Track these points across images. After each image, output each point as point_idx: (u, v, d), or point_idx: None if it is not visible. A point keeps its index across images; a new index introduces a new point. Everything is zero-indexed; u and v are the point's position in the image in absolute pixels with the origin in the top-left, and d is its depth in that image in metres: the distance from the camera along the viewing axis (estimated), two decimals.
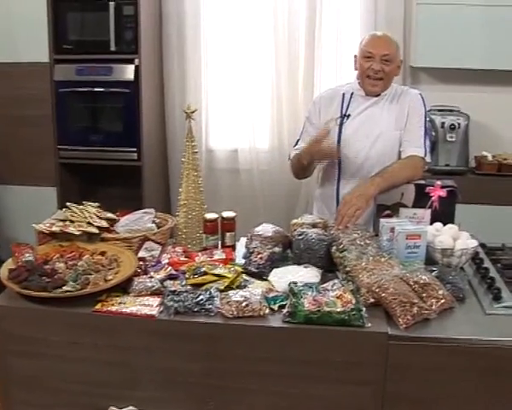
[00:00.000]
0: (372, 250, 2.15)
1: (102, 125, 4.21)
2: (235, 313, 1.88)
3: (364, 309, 1.87)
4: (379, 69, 2.67)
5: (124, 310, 1.92)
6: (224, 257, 2.29)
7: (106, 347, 1.96)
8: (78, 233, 2.29)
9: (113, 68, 4.07)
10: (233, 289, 2.02)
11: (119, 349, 1.96)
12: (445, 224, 2.33)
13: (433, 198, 2.34)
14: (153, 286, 2.04)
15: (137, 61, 4.04)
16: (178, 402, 1.96)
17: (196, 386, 1.93)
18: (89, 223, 2.34)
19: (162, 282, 2.07)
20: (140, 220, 2.46)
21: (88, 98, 4.17)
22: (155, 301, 1.98)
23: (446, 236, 2.23)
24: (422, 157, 2.67)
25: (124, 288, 2.04)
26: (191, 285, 2.06)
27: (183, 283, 2.08)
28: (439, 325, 1.86)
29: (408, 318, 1.83)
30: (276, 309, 1.93)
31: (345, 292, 1.92)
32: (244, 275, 2.15)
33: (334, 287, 1.96)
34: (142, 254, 2.28)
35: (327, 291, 1.94)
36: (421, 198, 2.46)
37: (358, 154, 2.73)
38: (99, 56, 4.08)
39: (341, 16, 4.28)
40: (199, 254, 2.34)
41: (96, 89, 4.10)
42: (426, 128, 2.73)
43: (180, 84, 4.47)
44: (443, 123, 4.07)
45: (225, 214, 2.47)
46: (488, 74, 4.07)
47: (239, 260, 2.31)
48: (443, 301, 1.92)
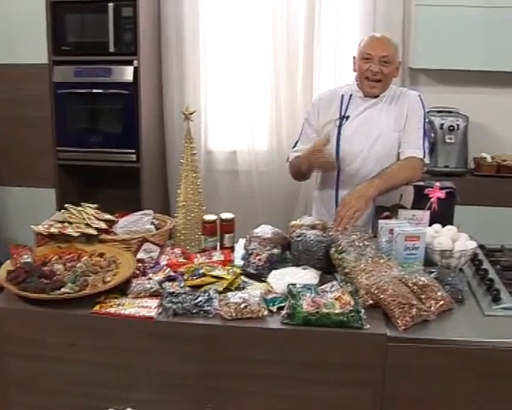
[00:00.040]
0: (371, 252, 2.15)
1: (101, 126, 4.21)
2: (233, 315, 1.88)
3: (363, 311, 1.87)
4: (378, 71, 2.67)
5: (122, 312, 1.92)
6: (223, 258, 2.29)
7: (104, 348, 1.95)
8: (76, 235, 2.29)
9: (112, 70, 4.07)
10: (232, 290, 2.02)
11: (118, 351, 1.95)
12: (444, 225, 2.33)
13: (432, 200, 2.34)
14: (151, 288, 2.03)
15: (136, 63, 4.04)
16: (177, 404, 1.95)
17: (195, 388, 1.93)
18: (87, 224, 2.34)
19: (161, 283, 2.07)
20: (139, 222, 2.46)
21: (87, 100, 4.16)
22: (154, 302, 1.97)
23: (445, 237, 2.23)
24: (421, 158, 2.67)
25: (122, 289, 2.04)
26: (190, 287, 2.05)
27: (182, 284, 2.07)
28: (438, 327, 1.86)
29: (407, 319, 1.83)
30: (275, 311, 1.92)
31: (343, 294, 1.92)
32: (243, 276, 2.15)
33: (332, 288, 1.96)
34: (140, 255, 2.28)
35: (325, 293, 1.93)
36: (420, 200, 2.46)
37: (357, 155, 2.73)
38: (98, 58, 4.08)
39: (340, 17, 4.28)
40: (197, 255, 2.34)
41: (95, 90, 4.10)
42: (425, 130, 2.72)
43: (179, 85, 4.47)
44: (442, 124, 4.07)
45: (224, 216, 2.47)
46: (487, 76, 4.07)
47: (238, 261, 2.30)
48: (442, 302, 1.92)
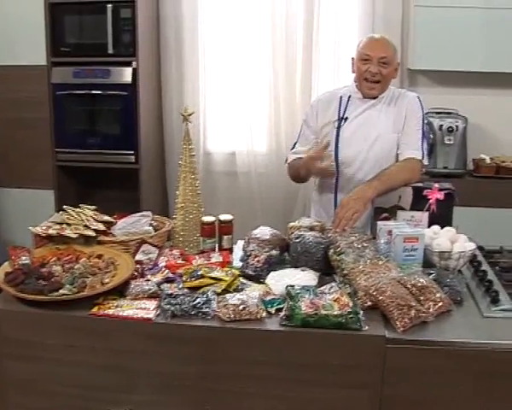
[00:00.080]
0: (369, 253, 2.15)
1: (100, 127, 4.20)
2: (232, 317, 1.87)
3: (362, 312, 1.87)
4: (376, 72, 2.67)
5: (120, 313, 1.92)
6: (222, 260, 2.28)
7: (102, 350, 1.95)
8: (74, 236, 2.29)
9: (111, 71, 4.06)
10: (230, 292, 2.02)
11: (116, 353, 1.95)
12: (443, 226, 2.32)
13: (431, 201, 2.33)
14: (150, 289, 2.03)
15: (135, 64, 4.03)
16: (175, 406, 1.95)
17: (193, 390, 1.93)
18: (85, 226, 2.34)
19: (159, 285, 2.07)
20: (137, 223, 2.46)
21: (85, 101, 4.16)
22: (152, 304, 1.97)
23: (444, 238, 2.23)
24: (420, 160, 2.67)
25: (121, 291, 2.04)
26: (188, 288, 2.05)
27: (180, 286, 2.07)
28: (437, 328, 1.86)
29: (405, 321, 1.82)
30: (274, 312, 1.92)
31: (342, 295, 1.92)
32: (241, 278, 2.14)
33: (331, 290, 1.96)
34: (139, 257, 2.28)
35: (324, 294, 1.93)
36: (418, 201, 2.46)
37: (356, 156, 2.73)
38: (97, 59, 4.08)
39: (339, 19, 4.28)
40: (196, 257, 2.33)
41: (94, 91, 4.10)
42: (423, 131, 2.72)
43: (178, 86, 4.46)
44: (441, 126, 4.07)
45: (223, 217, 2.46)
46: (486, 77, 4.07)
47: (236, 263, 2.30)
48: (440, 304, 1.92)
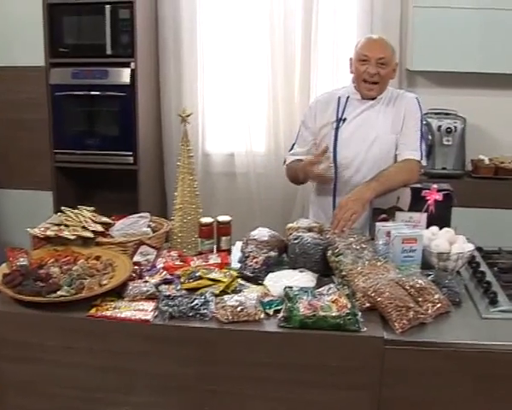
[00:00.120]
0: (368, 254, 2.15)
1: (98, 128, 4.20)
2: (230, 318, 1.87)
3: (360, 314, 1.86)
4: (375, 72, 2.66)
5: (118, 315, 1.91)
6: (220, 261, 2.28)
7: (100, 352, 1.95)
8: (72, 237, 2.28)
9: (109, 72, 4.06)
10: (228, 293, 2.02)
11: (114, 354, 1.94)
12: (441, 227, 2.33)
13: (429, 202, 2.33)
14: (148, 291, 2.03)
15: (133, 65, 4.03)
16: (173, 407, 1.95)
17: (191, 391, 1.92)
18: (84, 227, 2.33)
19: (157, 286, 2.06)
20: (135, 224, 2.46)
21: (84, 102, 4.16)
22: (150, 305, 1.96)
23: (442, 239, 2.23)
24: (418, 160, 2.67)
25: (118, 292, 2.03)
26: (186, 290, 2.05)
27: (178, 287, 2.07)
28: (435, 330, 1.86)
29: (404, 322, 1.82)
30: (272, 314, 1.92)
31: (340, 296, 1.91)
32: (239, 279, 2.14)
33: (329, 291, 1.96)
34: (137, 258, 2.27)
35: (322, 296, 1.93)
36: (417, 202, 2.46)
37: (354, 157, 2.73)
38: (95, 60, 4.07)
39: (338, 19, 4.27)
40: (194, 258, 2.33)
41: (92, 92, 4.09)
42: (422, 132, 2.72)
43: (176, 87, 4.46)
44: (439, 126, 4.07)
45: (221, 218, 2.46)
46: (485, 78, 4.06)
47: (234, 264, 2.30)
48: (439, 305, 1.92)
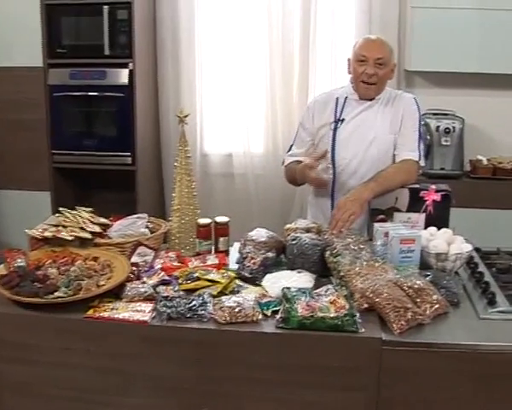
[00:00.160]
0: (366, 255, 2.14)
1: (96, 129, 4.20)
2: (227, 319, 1.87)
3: (358, 314, 1.86)
4: (373, 73, 2.66)
5: (116, 316, 1.91)
6: (218, 262, 2.28)
7: (98, 353, 1.94)
8: (70, 238, 2.28)
9: (108, 72, 4.06)
10: (226, 294, 2.01)
11: (112, 355, 1.94)
12: (440, 228, 2.33)
13: (428, 202, 2.33)
14: (145, 292, 2.02)
15: (131, 66, 4.03)
16: (171, 409, 1.94)
17: (189, 392, 1.92)
18: (81, 228, 2.33)
19: (155, 287, 2.06)
20: (133, 225, 2.45)
21: (82, 102, 4.16)
22: (148, 306, 1.96)
23: (441, 240, 2.23)
24: (417, 161, 2.67)
25: (116, 293, 2.03)
26: (184, 291, 2.04)
27: (176, 288, 2.06)
28: (433, 330, 1.85)
29: (402, 323, 1.82)
30: (270, 315, 1.91)
31: (338, 297, 1.91)
32: (237, 280, 2.13)
33: (327, 292, 1.95)
34: (134, 259, 2.27)
35: (320, 296, 1.92)
36: (415, 202, 2.46)
37: (353, 158, 2.73)
38: (93, 60, 4.07)
39: (336, 19, 4.28)
40: (192, 259, 2.33)
41: (90, 93, 4.09)
42: (420, 132, 2.72)
43: (174, 88, 4.46)
44: (438, 127, 4.07)
45: (219, 219, 2.46)
46: (483, 78, 4.07)
47: (232, 265, 2.29)
48: (437, 306, 1.91)
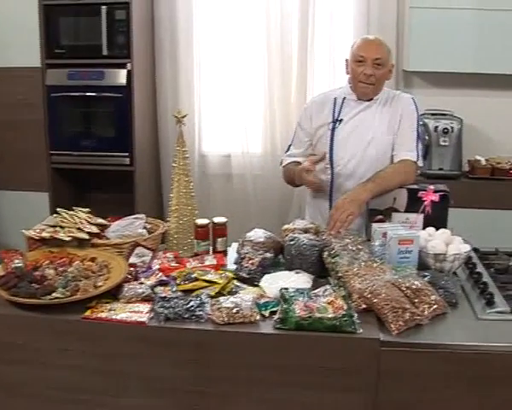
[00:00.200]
0: (364, 256, 2.14)
1: (95, 129, 4.21)
2: (225, 320, 1.86)
3: (356, 315, 1.85)
4: (371, 74, 2.66)
5: (113, 317, 1.90)
6: (215, 263, 2.27)
7: (95, 354, 1.93)
8: (67, 239, 2.27)
9: (106, 73, 4.06)
10: (224, 295, 2.01)
11: (109, 356, 1.93)
12: (438, 228, 2.33)
13: (426, 203, 2.33)
14: (143, 292, 2.01)
15: (130, 66, 4.03)
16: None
17: (186, 393, 1.91)
18: (79, 228, 2.32)
19: (153, 288, 2.05)
20: (131, 226, 2.45)
21: (80, 103, 4.16)
22: (145, 307, 1.95)
23: (439, 240, 2.23)
24: (415, 161, 2.67)
25: (114, 294, 2.02)
26: (182, 291, 2.04)
27: (174, 289, 2.06)
28: (432, 331, 1.85)
29: (400, 323, 1.81)
30: (267, 315, 1.91)
31: (336, 298, 1.91)
32: (235, 281, 2.13)
33: (325, 293, 1.95)
34: (132, 259, 2.26)
35: (318, 297, 1.92)
36: (413, 203, 2.45)
37: (351, 158, 2.72)
38: (91, 61, 4.07)
39: (334, 20, 4.28)
40: (190, 259, 2.33)
41: (88, 93, 4.09)
42: (418, 132, 2.72)
43: (172, 88, 4.46)
44: (436, 127, 4.07)
45: (216, 220, 2.45)
46: (481, 78, 4.07)
47: (230, 265, 2.29)
48: (435, 306, 1.91)
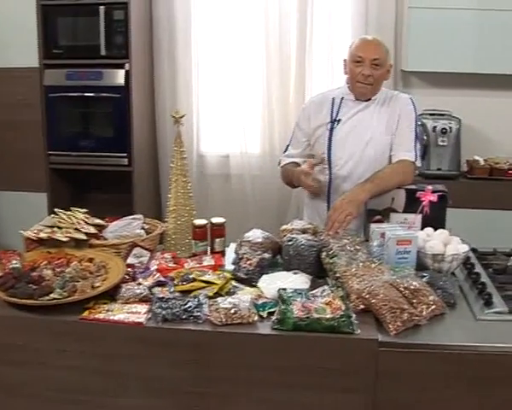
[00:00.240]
0: (362, 256, 2.14)
1: (93, 130, 4.20)
2: (223, 321, 1.86)
3: (354, 316, 1.85)
4: (369, 74, 2.65)
5: (111, 317, 1.90)
6: (213, 263, 2.27)
7: (93, 355, 1.93)
8: (65, 239, 2.27)
9: (104, 73, 4.05)
10: (222, 295, 2.00)
11: (107, 357, 1.93)
12: (436, 229, 2.32)
13: (424, 203, 2.33)
14: (141, 293, 2.01)
15: (128, 66, 4.03)
16: None
17: (184, 394, 1.91)
18: (77, 229, 2.32)
19: (150, 289, 2.05)
20: (128, 226, 2.45)
21: (78, 103, 4.16)
22: (143, 308, 1.95)
23: (437, 241, 2.22)
24: (413, 161, 2.66)
25: (112, 295, 2.02)
26: (179, 292, 2.03)
27: (172, 289, 2.05)
28: (430, 332, 1.85)
29: (398, 324, 1.81)
30: (265, 316, 1.91)
31: (334, 298, 1.90)
32: (233, 281, 2.13)
33: (323, 293, 1.94)
34: (130, 260, 2.26)
35: (316, 298, 1.92)
36: (411, 203, 2.45)
37: (349, 158, 2.72)
38: (89, 61, 4.07)
39: (332, 20, 4.28)
40: (188, 260, 2.32)
41: (87, 94, 4.09)
42: (416, 132, 2.71)
43: (171, 88, 4.46)
44: (434, 127, 4.07)
45: (214, 220, 2.45)
46: (480, 78, 4.07)
47: (228, 266, 2.28)
48: (433, 307, 1.90)
